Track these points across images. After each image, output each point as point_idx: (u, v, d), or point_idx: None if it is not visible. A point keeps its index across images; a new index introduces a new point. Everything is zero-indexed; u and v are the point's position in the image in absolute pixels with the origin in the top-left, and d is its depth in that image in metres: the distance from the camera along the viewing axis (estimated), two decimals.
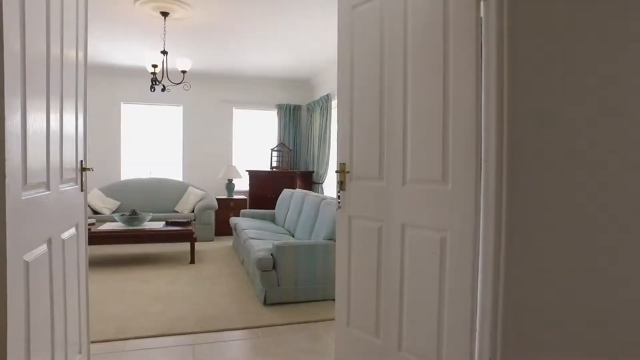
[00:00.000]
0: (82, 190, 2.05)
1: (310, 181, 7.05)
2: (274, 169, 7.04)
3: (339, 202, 2.35)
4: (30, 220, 1.37)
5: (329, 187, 6.81)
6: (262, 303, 3.37)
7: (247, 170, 6.95)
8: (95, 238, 4.42)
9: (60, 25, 1.69)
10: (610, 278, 1.58)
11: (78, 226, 1.98)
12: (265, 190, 6.79)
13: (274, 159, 7.21)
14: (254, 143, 7.56)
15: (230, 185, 6.82)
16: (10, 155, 1.19)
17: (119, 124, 6.84)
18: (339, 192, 2.33)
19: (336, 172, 2.33)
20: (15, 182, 1.23)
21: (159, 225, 4.87)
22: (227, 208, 6.66)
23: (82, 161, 2.04)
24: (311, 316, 3.14)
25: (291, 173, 6.73)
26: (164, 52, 4.07)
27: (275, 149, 7.18)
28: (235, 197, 6.88)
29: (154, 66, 3.88)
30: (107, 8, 3.99)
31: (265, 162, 7.46)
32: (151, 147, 7.08)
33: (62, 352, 1.72)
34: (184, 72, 4.13)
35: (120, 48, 5.59)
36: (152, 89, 4.14)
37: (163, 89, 4.24)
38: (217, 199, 6.58)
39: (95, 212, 5.89)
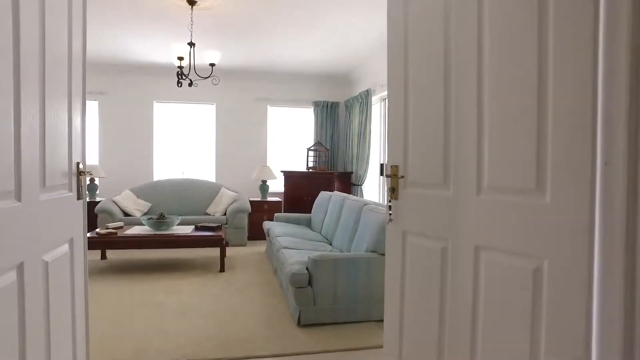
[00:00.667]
0: (79, 198, 1.71)
1: (348, 183, 6.61)
2: (310, 170, 6.65)
3: (390, 214, 1.89)
4: None
5: (369, 189, 6.35)
6: (296, 323, 2.96)
7: (282, 171, 6.60)
8: (121, 243, 4.18)
9: (40, 10, 1.34)
10: None
11: (73, 242, 1.64)
12: (301, 192, 6.41)
13: (311, 159, 6.82)
14: (289, 142, 7.21)
15: (264, 187, 6.49)
16: None
17: (152, 123, 6.67)
18: (390, 200, 1.88)
19: (386, 176, 1.88)
20: None
21: (188, 229, 4.58)
22: (261, 211, 6.33)
23: (78, 163, 1.70)
24: (352, 342, 2.71)
25: (328, 174, 6.31)
26: (191, 44, 3.75)
27: (312, 148, 6.79)
28: (269, 199, 6.54)
29: (180, 59, 3.57)
30: None
31: (301, 162, 7.09)
32: (184, 147, 6.87)
33: None
34: (212, 65, 3.80)
35: (151, 44, 5.37)
36: (179, 84, 3.84)
37: (190, 84, 3.93)
38: (251, 201, 6.26)
39: (126, 214, 5.71)
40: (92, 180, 6.04)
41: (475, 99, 1.52)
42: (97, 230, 4.32)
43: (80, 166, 1.71)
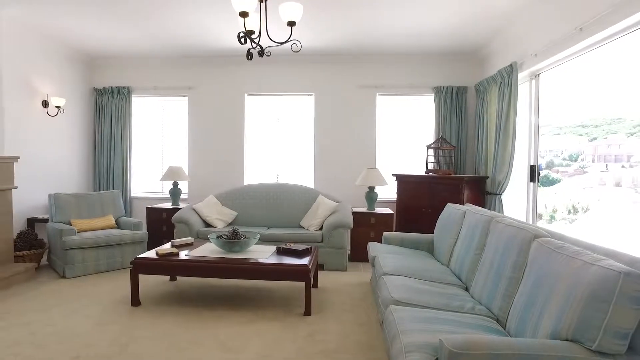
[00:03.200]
0: None
1: (482, 190, 4.96)
2: (430, 174, 5.16)
3: None
4: None
5: (511, 200, 4.65)
6: None
7: (394, 175, 5.23)
8: (175, 268, 3.23)
9: None
10: None
11: None
12: (419, 201, 4.96)
13: (431, 159, 5.32)
14: (403, 139, 5.79)
15: (371, 195, 5.19)
16: None
17: (242, 120, 5.84)
18: None
19: None
20: None
21: (266, 253, 3.49)
22: (367, 225, 5.03)
23: None
24: None
25: (455, 179, 4.75)
26: None
27: (433, 146, 5.28)
28: (377, 210, 5.22)
29: (243, 15, 2.45)
30: None
31: (418, 163, 5.63)
32: (278, 146, 5.91)
33: None
34: (291, 24, 2.64)
35: (237, 28, 4.47)
36: (249, 56, 2.75)
37: (261, 53, 2.82)
38: (355, 213, 5.01)
39: (208, 225, 4.90)
40: (175, 184, 5.40)
41: None
42: (158, 249, 3.46)
43: None
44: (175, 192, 5.36)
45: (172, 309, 3.21)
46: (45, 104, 5.08)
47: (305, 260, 3.27)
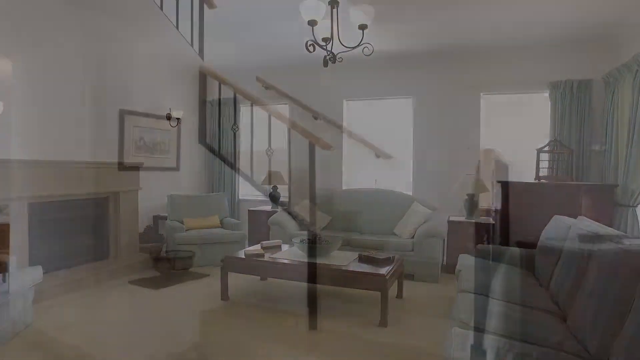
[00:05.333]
0: None
1: (608, 201, 4.21)
2: (541, 180, 4.56)
3: None
4: None
5: None
6: None
7: (498, 182, 4.75)
8: (259, 268, 3.43)
9: None
10: None
11: None
12: (527, 212, 4.41)
13: (543, 164, 4.71)
14: (511, 142, 5.23)
15: (470, 203, 4.79)
16: None
17: (341, 124, 5.89)
18: None
19: None
20: None
21: (347, 259, 3.45)
22: (464, 235, 4.66)
23: None
24: None
25: (570, 187, 4.12)
26: (334, 2, 2.60)
27: (545, 149, 4.66)
28: (477, 219, 4.79)
29: (312, 23, 2.47)
30: None
31: (528, 169, 5.03)
32: (377, 150, 5.82)
33: None
34: (363, 27, 2.56)
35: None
36: (325, 63, 2.76)
37: (333, 60, 2.80)
38: (451, 222, 4.69)
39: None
40: (275, 188, 5.67)
41: None
42: (246, 249, 3.68)
43: None
44: (274, 196, 5.64)
45: (252, 307, 3.39)
46: (168, 116, 5.79)
47: (383, 270, 3.16)
